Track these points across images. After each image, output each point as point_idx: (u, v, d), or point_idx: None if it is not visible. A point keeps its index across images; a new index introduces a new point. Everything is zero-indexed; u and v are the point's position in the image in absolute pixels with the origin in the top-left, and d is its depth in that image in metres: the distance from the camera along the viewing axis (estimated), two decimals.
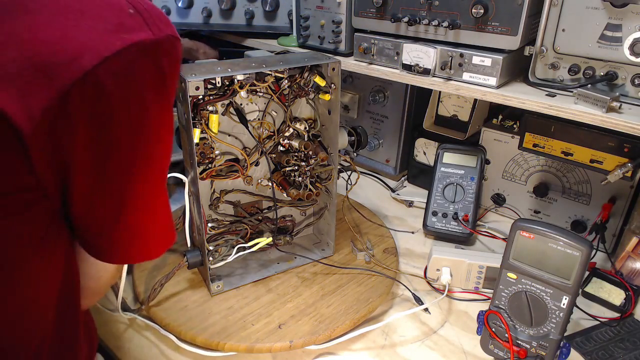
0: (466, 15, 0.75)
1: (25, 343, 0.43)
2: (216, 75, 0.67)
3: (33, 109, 0.33)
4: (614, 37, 0.66)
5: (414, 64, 0.82)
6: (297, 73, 0.76)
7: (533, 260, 0.64)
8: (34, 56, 0.33)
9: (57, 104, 0.34)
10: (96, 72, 0.34)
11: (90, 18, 0.36)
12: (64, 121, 0.35)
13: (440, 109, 1.08)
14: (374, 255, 0.88)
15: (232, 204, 0.85)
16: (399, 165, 1.19)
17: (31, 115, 0.33)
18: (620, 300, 0.80)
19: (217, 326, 0.72)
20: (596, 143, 0.82)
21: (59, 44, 0.34)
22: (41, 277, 0.42)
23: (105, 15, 0.37)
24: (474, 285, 0.84)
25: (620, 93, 0.68)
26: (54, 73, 0.33)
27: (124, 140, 0.39)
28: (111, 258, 0.48)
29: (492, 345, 0.70)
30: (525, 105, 0.73)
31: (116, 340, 0.73)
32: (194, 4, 1.07)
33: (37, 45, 0.34)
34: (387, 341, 0.74)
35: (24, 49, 0.33)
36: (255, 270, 0.84)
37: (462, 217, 0.95)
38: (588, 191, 0.92)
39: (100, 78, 0.35)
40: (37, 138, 0.34)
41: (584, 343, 0.73)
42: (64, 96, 0.34)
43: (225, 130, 0.78)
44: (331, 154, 0.82)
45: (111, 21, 0.36)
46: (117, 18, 0.37)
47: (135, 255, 0.50)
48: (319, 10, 0.95)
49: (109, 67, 0.35)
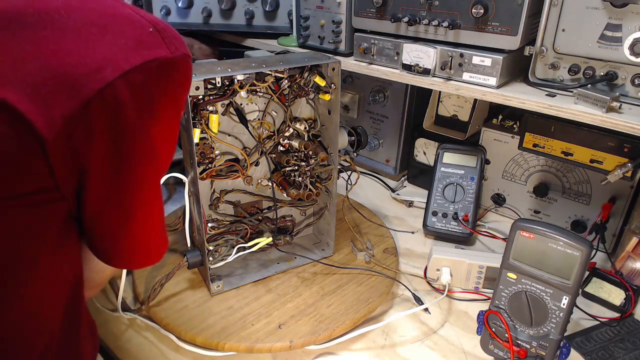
0: (466, 15, 0.75)
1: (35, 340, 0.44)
2: (216, 75, 0.67)
3: (55, 117, 0.35)
4: (614, 37, 0.66)
5: (414, 64, 0.82)
6: (297, 73, 0.77)
7: (533, 260, 0.64)
8: (59, 67, 0.35)
9: (79, 112, 0.36)
10: (117, 84, 0.37)
11: (113, 34, 0.38)
12: (84, 129, 0.37)
13: (440, 109, 1.08)
14: (374, 255, 0.88)
15: (232, 204, 0.85)
16: (399, 165, 1.19)
17: (53, 123, 0.35)
18: (620, 300, 0.80)
19: (217, 326, 0.72)
20: (596, 143, 0.82)
21: (83, 56, 0.36)
22: (54, 272, 0.44)
23: (127, 32, 0.39)
24: (474, 285, 0.84)
25: (620, 93, 0.68)
26: (77, 83, 0.35)
27: (138, 150, 0.42)
28: (117, 262, 0.50)
29: (492, 345, 0.70)
30: (525, 105, 0.73)
31: (116, 340, 0.73)
32: (194, 4, 1.07)
33: (62, 56, 0.36)
34: (387, 341, 0.74)
35: (50, 60, 0.35)
36: (255, 270, 0.84)
37: (462, 217, 0.95)
38: (588, 191, 0.92)
39: (120, 90, 0.37)
40: (58, 144, 0.36)
41: (584, 343, 0.73)
42: (86, 105, 0.36)
43: (225, 130, 0.78)
44: (331, 154, 0.82)
45: (132, 38, 0.39)
46: (138, 35, 0.39)
47: (138, 261, 0.53)
48: (319, 10, 0.95)
49: (128, 80, 0.37)
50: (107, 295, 0.81)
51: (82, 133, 0.37)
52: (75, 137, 0.36)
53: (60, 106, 0.35)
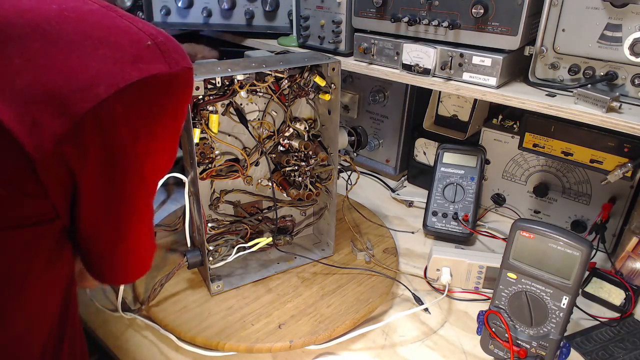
0: (466, 15, 0.75)
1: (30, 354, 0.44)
2: (216, 75, 0.67)
3: (45, 136, 0.33)
4: (614, 37, 0.66)
5: (414, 64, 0.82)
6: (297, 73, 0.76)
7: (533, 260, 0.64)
8: (50, 82, 0.34)
9: (70, 131, 0.34)
10: (111, 102, 0.35)
11: (108, 48, 0.36)
12: (76, 148, 0.35)
13: (440, 109, 1.08)
14: (374, 255, 0.88)
15: (232, 204, 0.85)
16: (399, 165, 1.19)
17: (43, 143, 0.33)
18: (620, 300, 0.80)
19: (217, 326, 0.72)
20: (596, 143, 0.82)
21: (76, 71, 0.34)
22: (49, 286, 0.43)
23: (123, 45, 0.37)
24: (474, 285, 0.84)
25: (620, 93, 0.68)
26: (69, 100, 0.34)
27: (132, 168, 0.40)
28: (110, 280, 0.50)
29: (492, 345, 0.70)
30: (525, 105, 0.73)
31: (116, 340, 0.73)
32: (194, 4, 1.07)
33: (53, 71, 0.34)
34: (387, 341, 0.74)
35: (41, 74, 0.34)
36: (255, 270, 0.84)
37: (462, 217, 0.95)
38: (588, 191, 0.92)
39: (115, 107, 0.35)
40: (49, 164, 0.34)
41: (584, 343, 0.73)
42: (78, 124, 0.34)
43: (225, 130, 0.78)
44: (331, 154, 0.82)
45: (129, 52, 0.37)
46: (135, 49, 0.37)
47: (131, 275, 0.52)
48: (319, 10, 0.95)
49: (123, 97, 0.35)
50: (107, 295, 0.81)
51: (74, 152, 0.35)
52: (67, 156, 0.35)
53: (51, 124, 0.33)
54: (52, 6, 0.36)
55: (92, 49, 0.36)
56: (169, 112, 0.40)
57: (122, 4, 1.09)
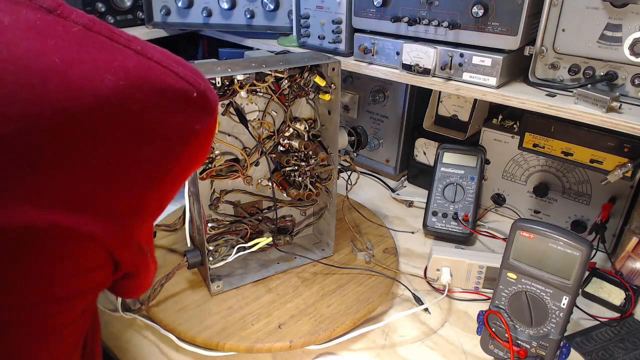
0: (466, 15, 0.75)
1: None
2: (216, 75, 0.67)
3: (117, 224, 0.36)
4: (614, 37, 0.66)
5: (414, 64, 0.82)
6: (297, 73, 0.76)
7: (533, 260, 0.64)
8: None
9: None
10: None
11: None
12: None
13: (440, 109, 1.08)
14: (374, 255, 0.88)
15: (232, 204, 0.85)
16: (399, 165, 1.19)
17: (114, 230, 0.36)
18: (620, 300, 0.80)
19: (217, 326, 0.72)
20: (596, 143, 0.82)
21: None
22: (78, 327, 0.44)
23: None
24: (474, 285, 0.84)
25: (620, 93, 0.68)
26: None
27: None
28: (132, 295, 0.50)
29: (492, 345, 0.70)
30: (525, 105, 0.73)
31: (116, 340, 0.73)
32: (194, 3, 1.07)
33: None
34: (387, 341, 0.74)
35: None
36: (255, 270, 0.84)
37: (462, 217, 0.95)
38: (588, 191, 0.92)
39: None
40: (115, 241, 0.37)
41: (584, 343, 0.73)
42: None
43: (225, 130, 0.78)
44: (331, 154, 0.82)
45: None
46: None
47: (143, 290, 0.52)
48: (319, 10, 0.95)
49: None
50: (107, 295, 0.81)
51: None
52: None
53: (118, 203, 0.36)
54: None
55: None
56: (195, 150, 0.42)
57: (122, 4, 1.09)
